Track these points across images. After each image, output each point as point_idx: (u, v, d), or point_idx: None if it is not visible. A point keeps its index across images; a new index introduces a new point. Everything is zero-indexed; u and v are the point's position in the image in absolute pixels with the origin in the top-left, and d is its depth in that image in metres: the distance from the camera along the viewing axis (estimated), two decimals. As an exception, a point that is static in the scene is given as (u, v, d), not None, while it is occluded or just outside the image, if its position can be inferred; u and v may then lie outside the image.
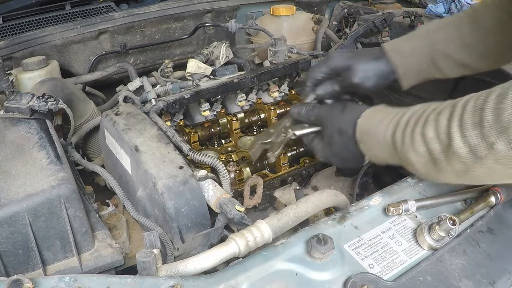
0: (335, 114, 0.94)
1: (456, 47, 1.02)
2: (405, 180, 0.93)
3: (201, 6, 1.71)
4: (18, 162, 0.86)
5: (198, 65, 1.41)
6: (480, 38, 1.00)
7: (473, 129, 0.67)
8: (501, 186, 0.88)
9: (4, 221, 0.76)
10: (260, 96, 1.45)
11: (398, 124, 0.81)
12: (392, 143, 0.82)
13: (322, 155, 0.99)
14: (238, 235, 0.81)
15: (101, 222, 0.96)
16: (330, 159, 0.99)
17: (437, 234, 0.78)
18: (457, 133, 0.69)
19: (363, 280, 0.70)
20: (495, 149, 0.64)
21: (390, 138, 0.82)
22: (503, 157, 0.64)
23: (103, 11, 1.67)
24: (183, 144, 1.02)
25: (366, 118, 0.88)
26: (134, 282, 0.66)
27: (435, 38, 1.03)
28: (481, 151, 0.66)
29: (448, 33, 1.03)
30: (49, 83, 1.25)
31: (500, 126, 0.63)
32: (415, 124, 0.77)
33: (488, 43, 1.00)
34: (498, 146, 0.64)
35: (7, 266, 0.79)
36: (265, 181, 1.08)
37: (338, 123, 0.92)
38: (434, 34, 1.04)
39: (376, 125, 0.85)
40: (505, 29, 0.99)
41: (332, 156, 0.97)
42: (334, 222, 0.82)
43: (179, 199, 0.89)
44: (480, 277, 0.75)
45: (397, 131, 0.80)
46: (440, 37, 1.03)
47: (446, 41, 1.02)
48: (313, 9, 1.99)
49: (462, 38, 1.01)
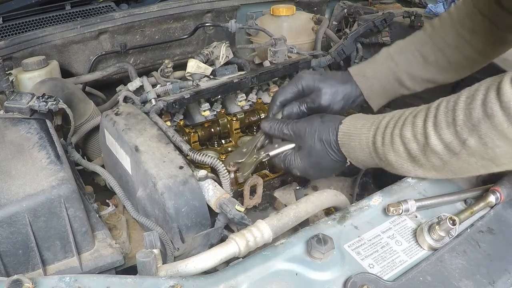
0: (314, 125, 0.97)
1: (418, 65, 1.10)
2: (405, 180, 0.93)
3: (201, 6, 1.71)
4: (18, 162, 0.86)
5: (198, 65, 1.41)
6: (441, 55, 1.08)
7: (447, 128, 0.74)
8: (501, 186, 0.88)
9: (4, 221, 0.76)
10: (260, 96, 1.45)
11: (378, 127, 0.87)
12: (372, 144, 0.87)
13: (300, 168, 1.00)
14: (238, 235, 0.81)
15: (101, 222, 0.96)
16: (308, 171, 1.01)
17: (437, 234, 0.78)
18: (432, 132, 0.76)
19: (363, 280, 0.70)
20: (468, 144, 0.72)
21: (371, 140, 0.87)
22: (475, 151, 0.72)
23: (103, 11, 1.66)
24: (183, 144, 1.02)
25: (348, 123, 0.93)
26: (134, 282, 0.66)
27: (397, 59, 1.11)
28: (455, 147, 0.74)
29: (409, 54, 1.11)
30: (49, 83, 1.25)
31: (471, 124, 0.71)
32: (394, 126, 0.83)
33: (448, 57, 1.08)
34: (470, 142, 0.71)
35: (7, 266, 0.79)
36: (265, 181, 1.08)
37: (319, 132, 0.96)
38: (396, 55, 1.11)
39: (358, 129, 0.90)
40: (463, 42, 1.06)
41: (311, 167, 0.99)
42: (334, 222, 0.82)
43: (179, 199, 0.89)
44: (480, 277, 0.75)
45: (377, 133, 0.86)
46: (402, 59, 1.10)
47: (408, 61, 1.10)
48: (313, 9, 1.98)
49: (424, 57, 1.09)
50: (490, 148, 0.70)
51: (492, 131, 0.69)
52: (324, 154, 0.96)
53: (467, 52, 1.07)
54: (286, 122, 1.03)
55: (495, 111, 0.67)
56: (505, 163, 0.73)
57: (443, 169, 0.80)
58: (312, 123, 0.98)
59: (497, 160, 0.72)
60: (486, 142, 0.70)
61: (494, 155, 0.71)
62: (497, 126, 0.68)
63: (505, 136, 0.68)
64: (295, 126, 1.00)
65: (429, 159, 0.79)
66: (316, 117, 0.99)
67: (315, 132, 0.96)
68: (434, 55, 1.08)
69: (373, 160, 0.90)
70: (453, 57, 1.08)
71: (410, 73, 1.10)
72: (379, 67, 1.12)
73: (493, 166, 0.75)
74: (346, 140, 0.92)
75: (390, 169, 0.88)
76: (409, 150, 0.81)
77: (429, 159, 0.79)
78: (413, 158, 0.81)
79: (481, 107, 0.70)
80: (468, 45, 1.06)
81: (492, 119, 0.68)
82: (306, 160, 0.99)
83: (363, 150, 0.90)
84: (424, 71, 1.10)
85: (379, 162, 0.89)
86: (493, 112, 0.68)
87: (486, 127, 0.69)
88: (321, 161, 0.97)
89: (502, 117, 0.67)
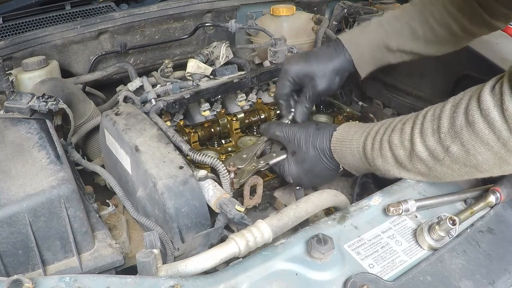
0: (309, 131, 1.00)
1: (407, 37, 1.10)
2: (405, 180, 0.93)
3: (201, 6, 1.71)
4: (18, 162, 0.86)
5: (198, 65, 1.41)
6: (428, 29, 1.09)
7: (431, 135, 0.77)
8: (501, 186, 0.88)
9: (4, 221, 0.76)
10: (260, 96, 1.45)
11: (369, 133, 0.90)
12: (362, 149, 0.90)
13: (294, 175, 1.03)
14: (238, 235, 0.81)
15: (101, 222, 0.96)
16: (302, 178, 1.03)
17: (437, 234, 0.78)
18: (418, 139, 0.79)
19: (363, 280, 0.70)
20: (451, 151, 0.74)
21: (361, 146, 0.90)
22: (458, 158, 0.74)
23: (103, 11, 1.66)
24: (183, 144, 1.02)
25: (341, 131, 0.96)
26: (134, 282, 0.66)
27: (387, 29, 1.11)
28: (439, 154, 0.76)
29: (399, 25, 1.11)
30: (49, 83, 1.25)
31: (454, 131, 0.73)
32: (384, 133, 0.86)
33: (436, 33, 1.09)
34: (453, 149, 0.74)
35: (7, 266, 0.79)
36: (265, 181, 1.08)
37: (313, 138, 0.98)
38: (386, 25, 1.11)
39: (350, 135, 0.94)
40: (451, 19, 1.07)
41: (305, 174, 1.01)
42: (334, 222, 0.82)
43: (179, 199, 0.89)
44: (480, 277, 0.75)
45: (367, 139, 0.89)
46: (392, 29, 1.11)
47: (398, 32, 1.10)
48: (313, 9, 1.98)
49: (412, 30, 1.09)
50: (472, 155, 0.72)
51: (474, 138, 0.71)
52: (317, 160, 0.98)
53: (454, 29, 1.07)
54: (281, 124, 1.06)
55: (476, 119, 0.70)
56: (487, 169, 0.74)
57: (428, 174, 0.83)
58: (307, 130, 1.00)
59: (479, 166, 0.74)
60: (468, 149, 0.72)
61: (476, 162, 0.73)
62: (478, 133, 0.70)
63: (486, 143, 0.69)
64: (290, 130, 1.03)
65: (415, 165, 0.82)
66: (312, 124, 1.02)
67: (309, 138, 0.99)
68: (422, 29, 1.09)
69: (364, 165, 0.93)
70: (440, 33, 1.08)
71: (398, 43, 1.11)
72: (371, 35, 1.12)
73: (476, 172, 0.77)
74: (339, 146, 0.95)
75: (380, 174, 0.91)
76: (396, 156, 0.84)
77: (415, 165, 0.82)
78: (400, 164, 0.85)
79: (464, 115, 0.72)
80: (456, 23, 1.07)
81: (474, 127, 0.70)
82: (299, 167, 1.01)
83: (354, 155, 0.92)
84: (412, 43, 1.11)
85: (369, 167, 0.92)
86: (474, 119, 0.70)
87: (468, 134, 0.71)
88: (314, 168, 0.99)
89: (483, 124, 0.69)
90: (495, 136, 0.68)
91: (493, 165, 0.73)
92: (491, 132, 0.68)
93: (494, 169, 0.74)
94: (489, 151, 0.70)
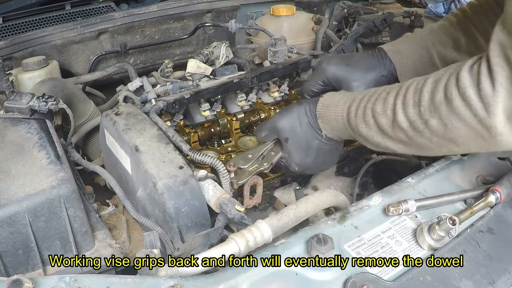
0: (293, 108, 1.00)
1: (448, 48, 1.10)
2: (405, 180, 0.93)
3: (201, 6, 1.71)
4: (18, 162, 0.86)
5: (198, 65, 1.41)
6: (470, 41, 1.09)
7: (412, 108, 0.79)
8: (501, 186, 0.88)
9: (4, 221, 0.77)
10: (260, 96, 1.45)
11: (353, 100, 0.92)
12: (347, 114, 0.92)
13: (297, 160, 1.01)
14: (238, 235, 0.81)
15: (101, 222, 0.96)
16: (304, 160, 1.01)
17: (437, 234, 0.78)
18: (400, 110, 0.81)
19: (363, 280, 0.70)
20: (429, 124, 0.77)
21: (346, 111, 0.92)
22: (437, 131, 0.77)
23: (103, 11, 1.66)
24: (183, 144, 1.02)
25: (327, 97, 0.98)
26: (134, 282, 0.66)
27: (429, 41, 1.12)
28: (419, 126, 0.79)
29: (440, 37, 1.12)
30: (49, 83, 1.25)
31: (434, 106, 0.76)
32: (368, 101, 0.88)
33: (477, 43, 1.09)
34: (432, 122, 0.76)
35: (7, 266, 0.79)
36: (265, 181, 1.08)
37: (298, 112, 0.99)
38: (428, 37, 1.12)
39: (335, 101, 0.95)
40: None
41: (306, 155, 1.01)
42: (334, 222, 0.82)
43: (179, 199, 0.89)
44: (480, 277, 0.75)
45: (352, 105, 0.91)
46: (434, 40, 1.11)
47: (441, 43, 1.11)
48: (313, 9, 1.98)
49: (454, 41, 1.10)
50: (449, 129, 0.75)
51: (451, 113, 0.73)
52: (310, 134, 0.98)
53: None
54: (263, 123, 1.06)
55: (453, 96, 0.72)
56: (463, 143, 0.77)
57: (409, 144, 0.84)
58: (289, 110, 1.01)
59: (456, 140, 0.77)
60: (446, 123, 0.75)
61: (453, 136, 0.76)
62: (455, 109, 0.72)
63: (462, 119, 0.72)
64: (270, 121, 1.03)
65: (396, 133, 0.84)
66: (292, 105, 1.03)
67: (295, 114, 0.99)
68: (464, 41, 1.09)
69: (347, 131, 0.93)
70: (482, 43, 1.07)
71: (441, 54, 1.11)
72: (414, 45, 1.13)
73: (454, 146, 0.79)
74: (324, 110, 0.96)
75: (362, 140, 0.92)
76: (378, 124, 0.86)
77: (396, 133, 0.84)
78: (382, 131, 0.86)
79: (443, 91, 0.75)
80: None
81: (451, 103, 0.73)
82: (298, 150, 1.00)
83: (338, 121, 0.94)
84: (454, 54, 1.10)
85: (353, 133, 0.93)
86: (452, 96, 0.73)
87: (446, 110, 0.74)
88: (311, 145, 0.99)
89: (460, 101, 0.72)
90: (471, 113, 0.71)
91: (469, 140, 0.75)
92: (468, 110, 0.71)
93: (470, 144, 0.77)
94: (465, 126, 0.73)
